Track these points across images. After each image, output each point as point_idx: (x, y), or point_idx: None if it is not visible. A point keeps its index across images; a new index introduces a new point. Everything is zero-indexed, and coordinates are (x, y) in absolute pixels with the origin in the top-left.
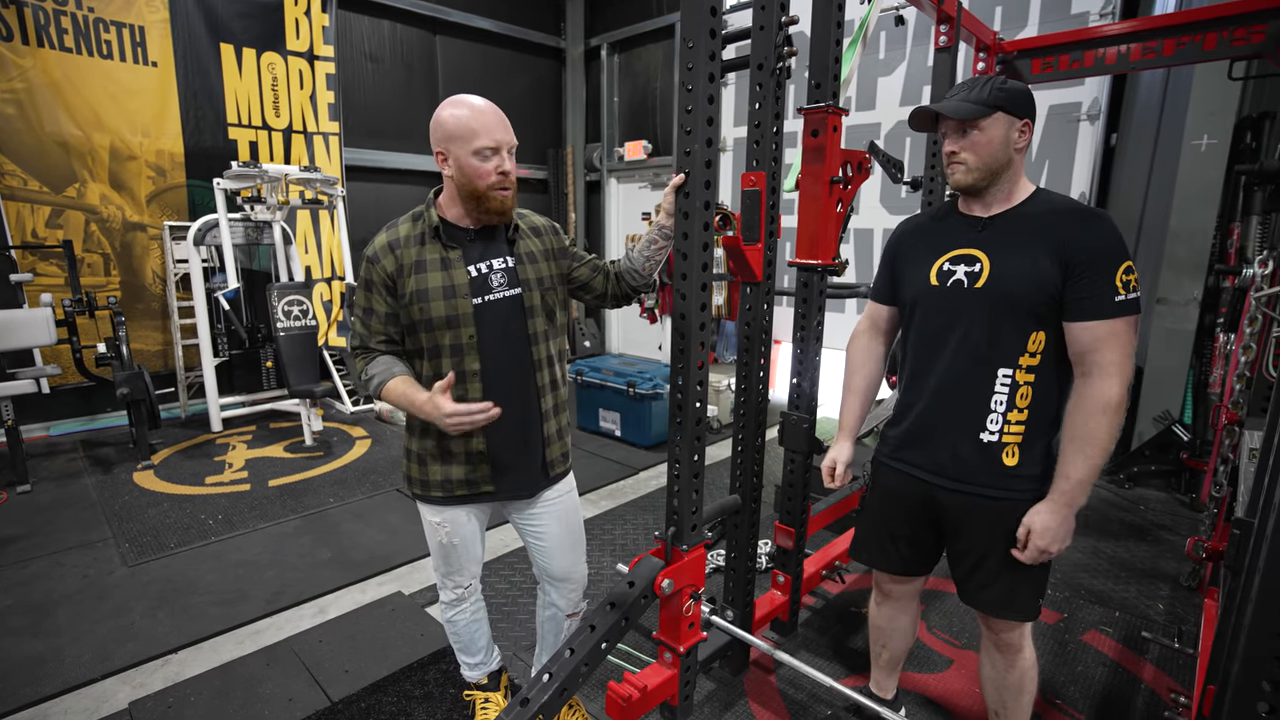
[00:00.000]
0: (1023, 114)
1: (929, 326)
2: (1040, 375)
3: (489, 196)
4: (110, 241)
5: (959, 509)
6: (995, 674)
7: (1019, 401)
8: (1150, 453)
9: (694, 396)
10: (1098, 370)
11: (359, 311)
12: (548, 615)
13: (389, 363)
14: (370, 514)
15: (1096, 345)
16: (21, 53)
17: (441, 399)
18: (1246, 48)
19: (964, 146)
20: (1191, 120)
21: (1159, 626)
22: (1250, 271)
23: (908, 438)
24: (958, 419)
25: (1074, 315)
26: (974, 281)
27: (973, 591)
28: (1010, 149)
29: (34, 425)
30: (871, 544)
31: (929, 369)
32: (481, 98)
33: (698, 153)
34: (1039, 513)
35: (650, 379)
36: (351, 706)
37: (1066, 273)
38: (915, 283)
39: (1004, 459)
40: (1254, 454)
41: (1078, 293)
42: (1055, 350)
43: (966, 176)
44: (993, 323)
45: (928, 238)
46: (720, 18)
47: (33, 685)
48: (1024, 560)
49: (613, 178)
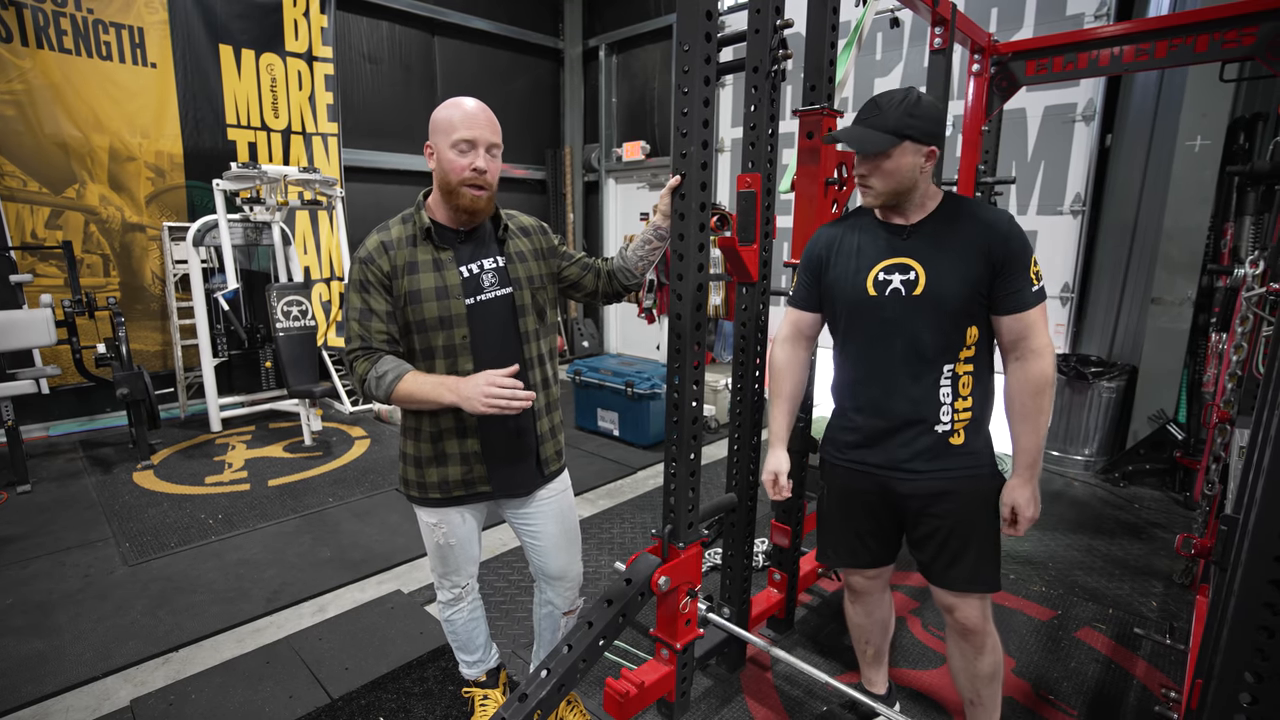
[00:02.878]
0: (930, 141)
1: (871, 334)
2: (976, 364)
3: (459, 192)
4: (110, 242)
5: (921, 498)
6: (965, 664)
7: (962, 390)
8: (1145, 451)
9: (691, 396)
10: (1031, 354)
11: (354, 313)
12: (545, 613)
13: (397, 360)
14: (369, 513)
15: (1026, 332)
16: (21, 54)
17: (493, 373)
18: (1238, 50)
19: (872, 172)
20: (1185, 121)
21: (1152, 623)
22: (1241, 272)
23: (860, 441)
24: (911, 417)
25: (1004, 309)
26: (911, 289)
27: (939, 571)
28: (916, 173)
29: (34, 425)
30: (840, 545)
31: (875, 375)
32: (477, 101)
33: (694, 155)
34: (1014, 489)
35: (648, 379)
36: (351, 703)
37: (994, 272)
38: (849, 292)
39: (951, 441)
40: (1243, 452)
41: (1005, 289)
42: (985, 340)
43: (876, 200)
44: (934, 326)
45: (856, 246)
46: (716, 21)
47: (35, 683)
48: (1017, 534)
49: (611, 178)
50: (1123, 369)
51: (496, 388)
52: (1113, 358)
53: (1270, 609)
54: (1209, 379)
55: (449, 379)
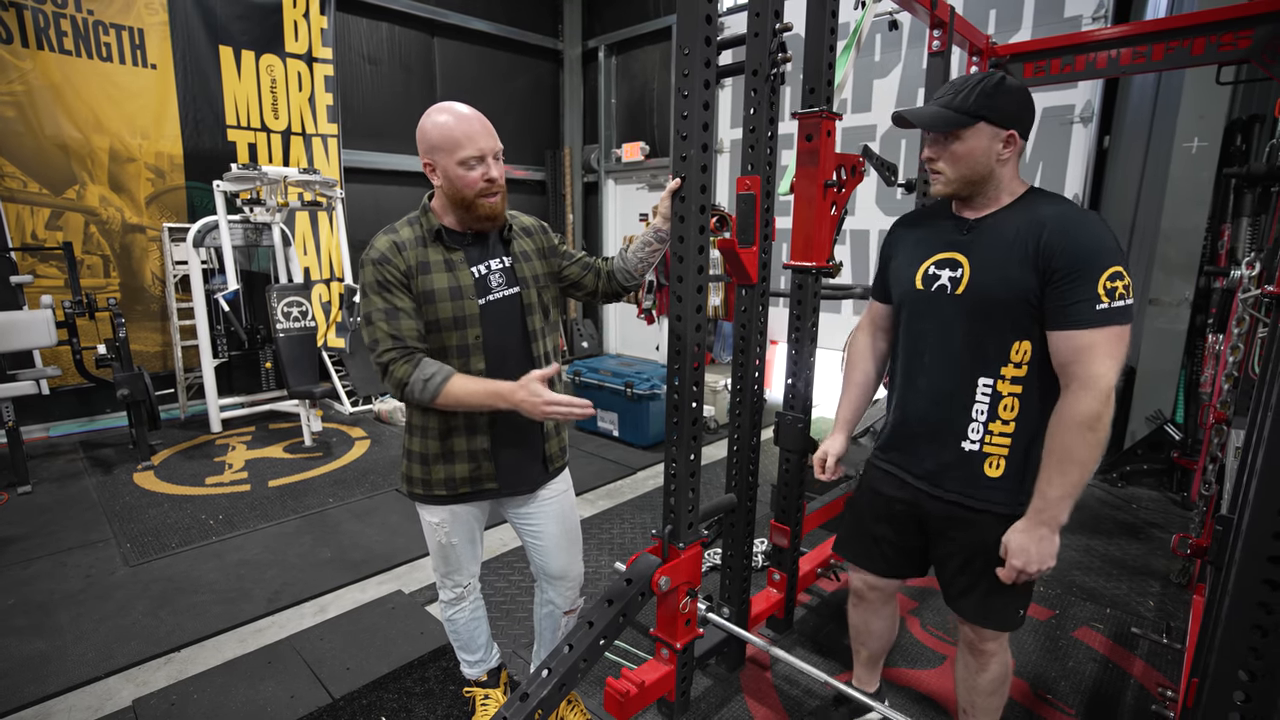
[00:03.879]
0: (1009, 123)
1: (914, 330)
2: (1028, 387)
3: (478, 204)
4: (110, 243)
5: (940, 516)
6: (968, 674)
7: (1003, 413)
8: (1142, 451)
9: (691, 397)
10: (1077, 383)
11: (380, 315)
12: (545, 613)
13: (437, 363)
14: (370, 514)
15: (1077, 356)
16: (21, 55)
17: (540, 385)
18: (1234, 52)
19: (941, 155)
20: (1182, 123)
21: (1149, 623)
22: (1238, 273)
23: (894, 439)
24: (939, 425)
25: (1053, 324)
26: (955, 287)
27: (953, 597)
28: (991, 160)
29: (34, 426)
30: (855, 542)
31: (914, 372)
32: (464, 104)
33: (694, 157)
34: (1016, 531)
35: (648, 379)
36: (353, 703)
37: (1044, 279)
38: (903, 284)
39: (986, 469)
40: (1240, 452)
41: (1056, 300)
42: (1044, 361)
43: (945, 187)
44: (970, 330)
45: (919, 237)
46: (715, 25)
47: (37, 683)
48: (1003, 579)
49: (610, 179)
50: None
51: (553, 404)
52: None
53: (1264, 608)
54: (1206, 380)
55: (501, 388)
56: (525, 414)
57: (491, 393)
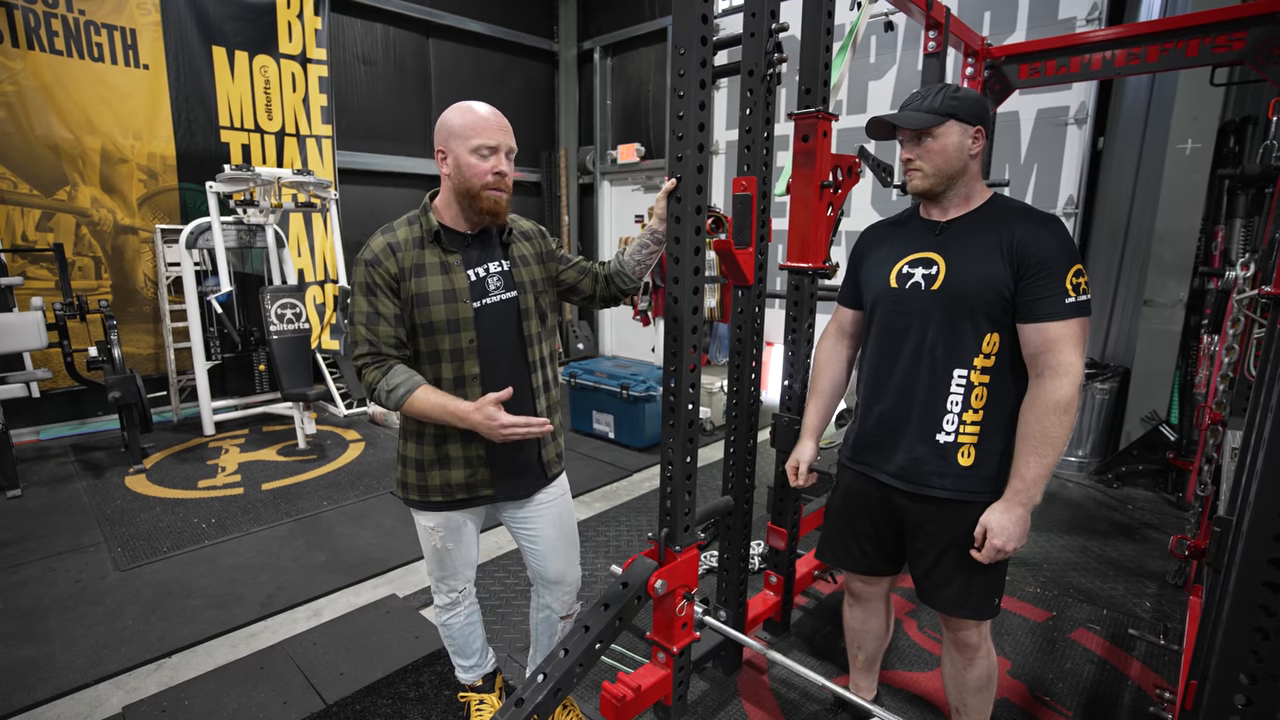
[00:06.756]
0: (975, 121)
1: (887, 328)
2: (995, 376)
3: (482, 196)
4: (101, 245)
5: (915, 511)
6: (955, 672)
7: (974, 402)
8: (1138, 452)
9: (687, 398)
10: (1050, 371)
11: (361, 318)
12: (542, 617)
13: (408, 371)
14: (364, 517)
15: (1049, 346)
16: (12, 55)
17: (495, 409)
18: (1228, 54)
19: (919, 154)
20: (1176, 125)
21: (1146, 624)
22: (1233, 274)
23: (867, 439)
24: (914, 420)
25: (1026, 317)
26: (930, 284)
27: (929, 590)
28: (964, 155)
29: (24, 429)
30: (836, 545)
31: (887, 370)
32: (490, 106)
33: (689, 158)
34: (995, 512)
35: (644, 381)
36: (346, 709)
37: (1018, 274)
38: (875, 285)
39: (959, 459)
40: (1235, 453)
41: (1030, 294)
42: (1010, 352)
43: (924, 182)
44: (948, 324)
45: (890, 242)
46: (711, 25)
47: (25, 690)
48: (981, 560)
49: (606, 180)
50: (1115, 370)
51: (510, 428)
52: (1105, 359)
53: (1265, 610)
54: (1201, 381)
55: (459, 408)
56: (483, 435)
57: (449, 412)
